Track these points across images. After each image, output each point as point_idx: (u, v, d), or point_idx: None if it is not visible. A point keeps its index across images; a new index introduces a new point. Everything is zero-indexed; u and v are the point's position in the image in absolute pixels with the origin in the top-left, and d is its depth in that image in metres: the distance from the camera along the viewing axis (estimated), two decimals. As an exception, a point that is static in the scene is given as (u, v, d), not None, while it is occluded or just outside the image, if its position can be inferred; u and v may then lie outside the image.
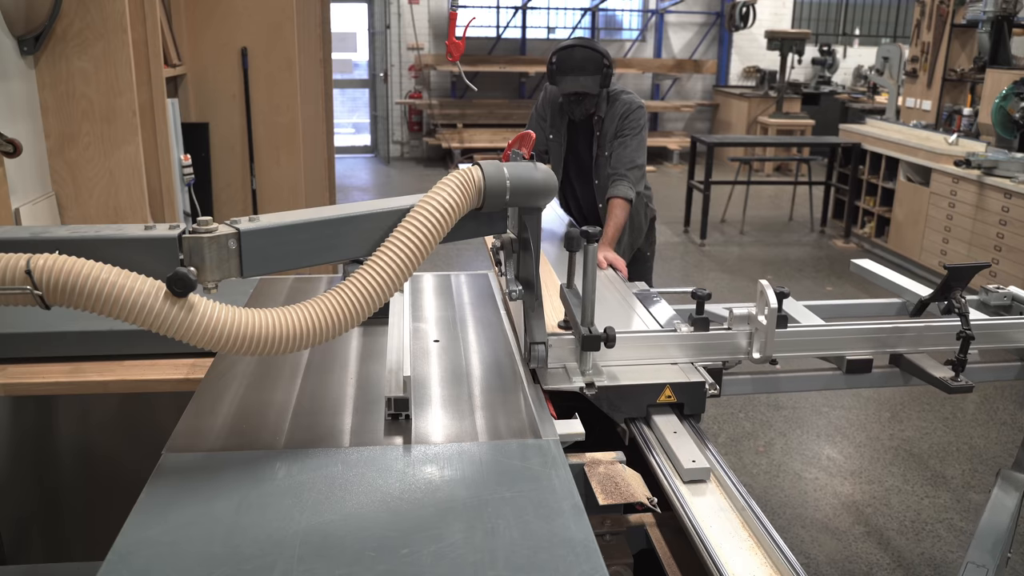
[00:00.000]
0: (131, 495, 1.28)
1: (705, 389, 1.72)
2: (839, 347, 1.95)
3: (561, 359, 1.76)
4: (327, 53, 4.85)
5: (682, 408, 1.70)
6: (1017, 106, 5.56)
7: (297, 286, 2.33)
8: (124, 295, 1.19)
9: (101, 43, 2.81)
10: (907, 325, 1.99)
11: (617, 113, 3.02)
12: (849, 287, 6.11)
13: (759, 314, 1.80)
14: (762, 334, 1.79)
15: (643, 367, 1.78)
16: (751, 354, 1.83)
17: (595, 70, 2.91)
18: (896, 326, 1.97)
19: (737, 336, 1.85)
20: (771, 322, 1.76)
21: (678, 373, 1.76)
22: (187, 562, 1.13)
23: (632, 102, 3.05)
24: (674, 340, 1.83)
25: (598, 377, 1.71)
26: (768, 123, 10.46)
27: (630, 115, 3.01)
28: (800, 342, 1.91)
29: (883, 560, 2.95)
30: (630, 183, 2.96)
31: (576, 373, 1.72)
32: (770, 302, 1.76)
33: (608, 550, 1.29)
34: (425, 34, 11.02)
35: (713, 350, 1.85)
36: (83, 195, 2.93)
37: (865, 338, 1.94)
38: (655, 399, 1.70)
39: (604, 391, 1.68)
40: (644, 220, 3.28)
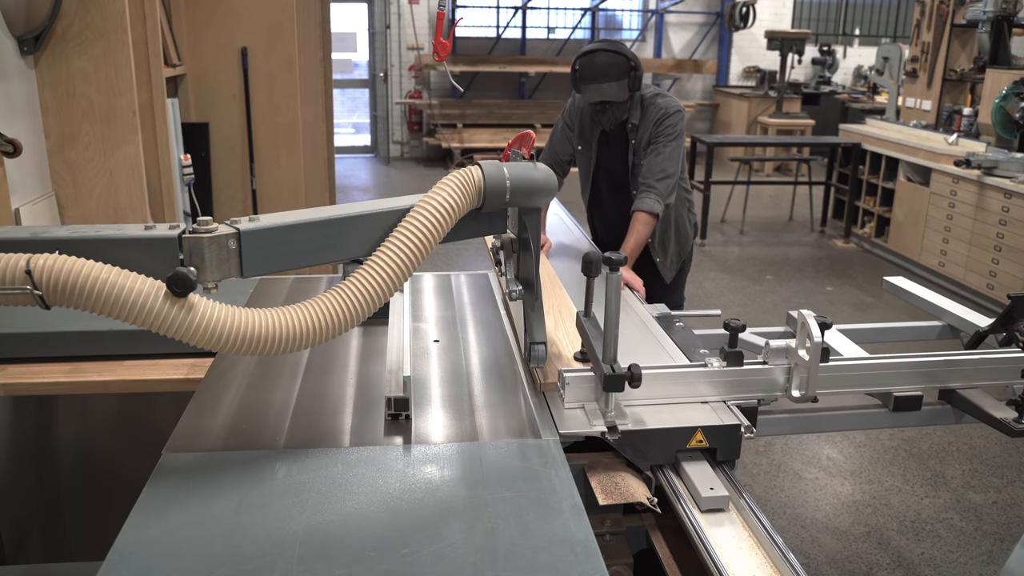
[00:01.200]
0: (131, 495, 1.28)
1: (740, 432, 1.55)
2: (886, 382, 1.77)
3: (579, 398, 1.60)
4: (327, 53, 4.85)
5: (714, 453, 1.55)
6: (1017, 106, 5.56)
7: (297, 286, 2.33)
8: (124, 295, 1.19)
9: (101, 43, 2.81)
10: (962, 358, 1.81)
11: (652, 119, 2.79)
12: (849, 287, 6.11)
13: (799, 348, 1.63)
14: (803, 370, 1.62)
15: (670, 407, 1.62)
16: (790, 392, 1.67)
17: (620, 75, 2.67)
18: (949, 359, 1.79)
19: (774, 372, 1.68)
20: (814, 358, 1.59)
21: (710, 414, 1.59)
22: (187, 562, 1.13)
23: (668, 106, 2.80)
24: (705, 377, 1.65)
25: (621, 420, 1.53)
26: (768, 123, 10.46)
27: (665, 120, 2.77)
28: (844, 377, 1.73)
29: (883, 560, 2.95)
30: (658, 195, 2.72)
31: (596, 415, 1.56)
32: (813, 335, 1.57)
33: (608, 550, 1.29)
34: (425, 34, 11.02)
35: (748, 387, 1.67)
36: (83, 195, 2.93)
37: (914, 372, 1.77)
38: (685, 444, 1.54)
39: (628, 436, 1.51)
40: (690, 227, 3.10)
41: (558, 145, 3.05)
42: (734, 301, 5.72)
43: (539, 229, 1.66)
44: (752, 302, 5.73)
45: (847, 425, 1.96)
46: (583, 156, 3.01)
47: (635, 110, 2.80)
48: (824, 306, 5.63)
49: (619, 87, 2.67)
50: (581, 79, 2.71)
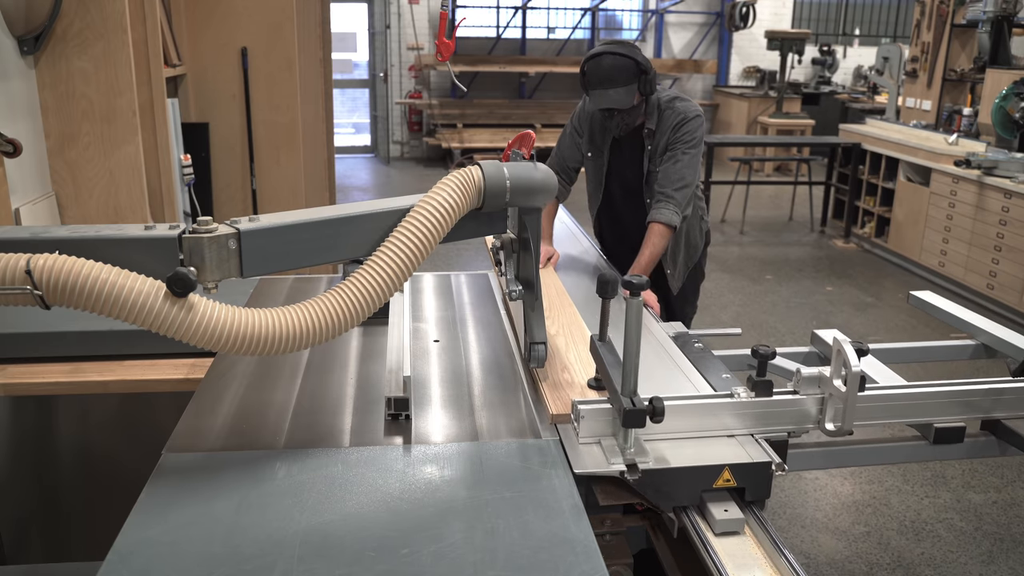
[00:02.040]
0: (131, 495, 1.28)
1: (771, 471, 1.43)
2: (927, 413, 1.65)
3: (595, 432, 1.47)
4: (327, 53, 4.84)
5: (743, 493, 1.43)
6: (1017, 106, 5.56)
7: (297, 286, 2.33)
8: (124, 295, 1.19)
9: (101, 43, 2.81)
10: (1009, 386, 1.69)
11: (669, 124, 2.63)
12: (849, 287, 6.11)
13: (834, 377, 1.50)
14: (838, 401, 1.50)
15: (694, 441, 1.49)
16: (823, 424, 1.54)
17: (628, 80, 2.49)
18: (995, 387, 1.67)
19: (806, 403, 1.55)
20: (852, 389, 1.47)
21: (737, 450, 1.47)
22: (187, 562, 1.13)
23: (688, 111, 2.64)
24: (732, 408, 1.52)
25: (642, 457, 1.41)
26: (768, 123, 10.46)
27: (684, 126, 2.62)
28: (881, 408, 1.61)
29: (883, 560, 2.95)
30: (676, 206, 2.58)
31: (614, 451, 1.43)
32: (850, 364, 1.45)
33: (608, 550, 1.29)
34: (425, 34, 11.02)
35: (777, 419, 1.54)
36: (83, 195, 2.93)
37: (957, 402, 1.66)
38: (711, 484, 1.41)
39: (650, 476, 1.39)
40: (700, 237, 2.98)
41: (566, 151, 2.90)
42: (734, 301, 5.72)
43: (539, 229, 1.66)
44: (752, 302, 5.72)
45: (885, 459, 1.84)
46: (594, 163, 2.86)
47: (652, 114, 2.65)
48: (824, 306, 5.63)
49: (627, 93, 2.51)
50: (588, 84, 2.56)
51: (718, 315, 5.43)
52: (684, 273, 2.99)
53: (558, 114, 11.14)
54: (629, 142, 2.74)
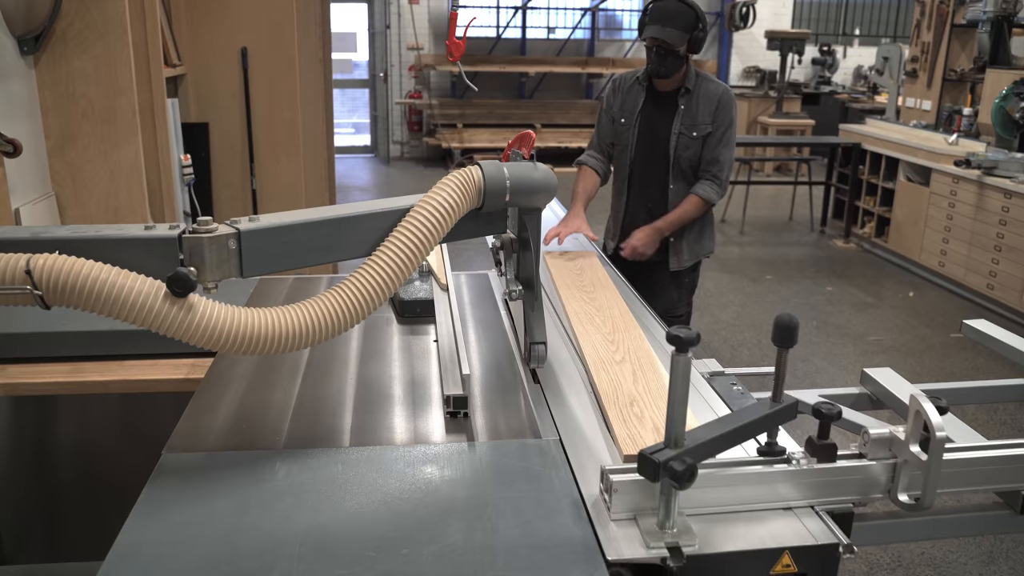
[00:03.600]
0: (131, 495, 1.28)
1: (839, 553, 1.22)
2: (1014, 479, 1.42)
3: (630, 507, 1.25)
4: (327, 53, 4.84)
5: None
6: (1017, 106, 5.56)
7: (297, 286, 2.33)
8: (124, 295, 1.19)
9: (101, 43, 2.80)
10: None
11: (711, 94, 2.83)
12: (849, 287, 6.11)
13: (911, 442, 1.29)
14: (914, 468, 1.28)
15: (745, 515, 1.27)
16: (895, 494, 1.32)
17: (684, 27, 2.73)
18: None
19: (874, 469, 1.32)
20: (936, 457, 1.25)
21: (797, 527, 1.25)
22: (187, 562, 1.13)
23: (728, 90, 2.87)
24: (788, 477, 1.30)
25: (687, 540, 1.19)
26: (768, 123, 10.46)
27: (729, 104, 2.84)
28: (962, 474, 1.38)
29: (883, 560, 2.95)
30: (719, 188, 2.80)
31: (654, 533, 1.21)
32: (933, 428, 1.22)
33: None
34: (425, 34, 11.02)
35: (841, 488, 1.32)
36: (83, 195, 2.93)
37: None
38: (769, 571, 1.21)
39: (695, 562, 1.17)
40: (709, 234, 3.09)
41: (603, 128, 3.10)
42: (734, 301, 5.72)
43: (539, 229, 1.66)
44: (752, 302, 5.73)
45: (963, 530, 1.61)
46: (624, 128, 3.00)
47: (690, 77, 2.85)
48: (824, 306, 5.63)
49: (680, 36, 2.73)
50: (649, 20, 2.77)
51: (718, 315, 5.43)
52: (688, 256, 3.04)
53: (558, 114, 11.14)
54: (663, 103, 2.90)
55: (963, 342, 4.82)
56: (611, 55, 11.99)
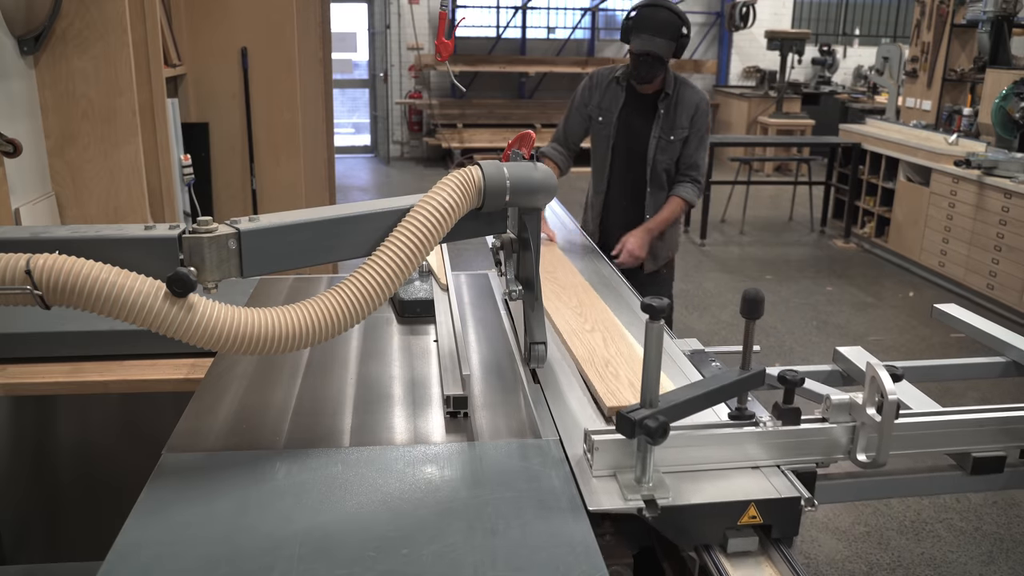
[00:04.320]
0: (131, 495, 1.28)
1: (800, 506, 1.33)
2: (965, 441, 1.56)
3: (610, 465, 1.37)
4: (327, 53, 4.84)
5: (769, 530, 1.33)
6: (1017, 106, 5.56)
7: (297, 286, 2.33)
8: (124, 295, 1.19)
9: (101, 43, 2.81)
10: None
11: (690, 101, 2.92)
12: (849, 287, 6.11)
13: (868, 405, 1.40)
14: (871, 430, 1.40)
15: (716, 474, 1.39)
16: (854, 455, 1.44)
17: (673, 36, 2.79)
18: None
19: (836, 432, 1.45)
20: (888, 419, 1.37)
21: (763, 483, 1.37)
22: (187, 562, 1.13)
23: (704, 97, 2.98)
24: (756, 438, 1.42)
25: (661, 493, 1.31)
26: (768, 123, 10.46)
27: (707, 111, 2.94)
28: (916, 437, 1.51)
29: (883, 560, 2.95)
30: (697, 190, 2.91)
31: (632, 487, 1.33)
32: (886, 391, 1.35)
33: (608, 550, 1.29)
34: (425, 34, 11.02)
35: (805, 449, 1.44)
36: (83, 195, 2.93)
37: (997, 429, 1.55)
38: (736, 521, 1.32)
39: (670, 513, 1.29)
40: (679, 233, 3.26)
41: (572, 124, 3.15)
42: (734, 301, 5.72)
43: (539, 229, 1.66)
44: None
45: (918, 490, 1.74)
46: (602, 128, 3.05)
47: (670, 81, 2.90)
48: (824, 306, 5.63)
49: (669, 46, 2.79)
50: (635, 27, 2.79)
51: (718, 315, 5.43)
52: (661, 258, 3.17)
53: (558, 114, 11.10)
54: (642, 105, 2.97)
55: (963, 342, 4.81)
56: (611, 55, 11.99)
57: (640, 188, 3.05)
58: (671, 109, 2.90)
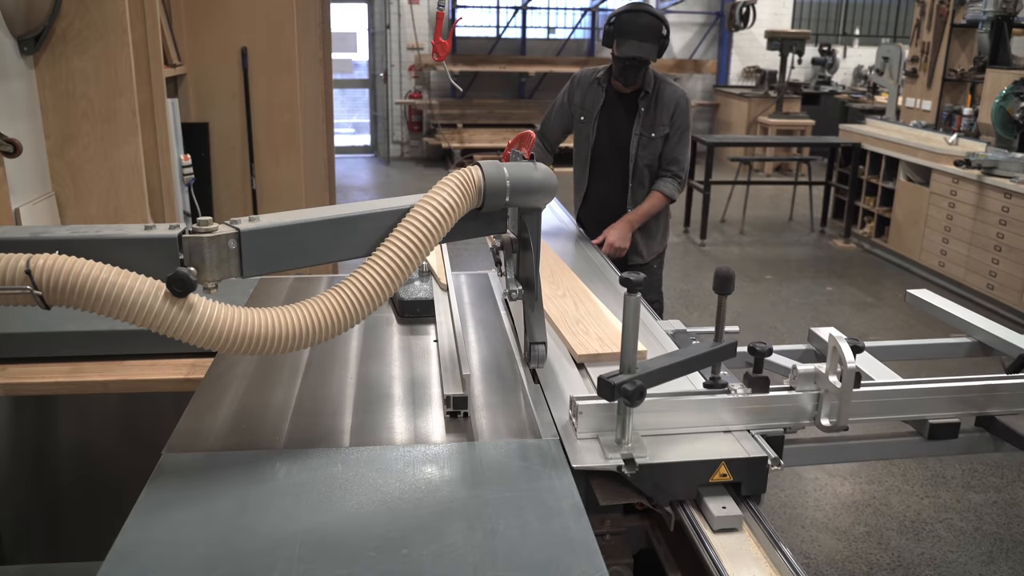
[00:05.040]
0: (131, 495, 1.28)
1: (767, 466, 1.45)
2: (921, 409, 1.68)
3: (593, 428, 1.49)
4: (327, 53, 4.84)
5: (739, 487, 1.44)
6: (1017, 106, 5.56)
7: (297, 286, 2.33)
8: (124, 295, 1.19)
9: (101, 43, 2.81)
10: (1004, 383, 1.71)
11: (670, 98, 2.99)
12: (849, 287, 6.11)
13: (830, 374, 1.52)
14: (834, 397, 1.52)
15: (691, 437, 1.50)
16: (819, 420, 1.56)
17: (656, 38, 2.87)
18: (989, 383, 1.70)
19: (802, 399, 1.57)
20: (847, 385, 1.49)
21: (733, 445, 1.48)
22: (187, 562, 1.13)
23: (684, 94, 3.04)
24: (727, 404, 1.53)
25: (639, 452, 1.42)
26: (768, 123, 10.46)
27: (687, 109, 3.00)
28: (877, 404, 1.64)
29: (883, 560, 2.95)
30: (679, 186, 2.97)
31: (612, 447, 1.44)
32: (845, 360, 1.48)
33: (608, 550, 1.29)
34: (425, 34, 11.02)
35: (773, 415, 1.56)
36: (83, 195, 2.93)
37: (952, 398, 1.68)
38: (708, 478, 1.43)
39: (647, 470, 1.41)
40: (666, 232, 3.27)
41: (554, 120, 3.23)
42: (734, 301, 5.72)
43: (539, 229, 1.66)
44: (752, 302, 5.73)
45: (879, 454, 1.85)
46: (583, 127, 3.12)
47: (650, 80, 2.97)
48: (824, 306, 5.63)
49: (652, 49, 2.87)
50: (619, 33, 2.86)
51: (718, 315, 5.43)
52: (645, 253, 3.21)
53: (558, 114, 11.13)
54: (623, 105, 3.03)
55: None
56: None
57: (623, 185, 3.12)
58: (651, 107, 2.98)
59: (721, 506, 1.38)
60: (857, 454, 1.86)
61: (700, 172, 7.57)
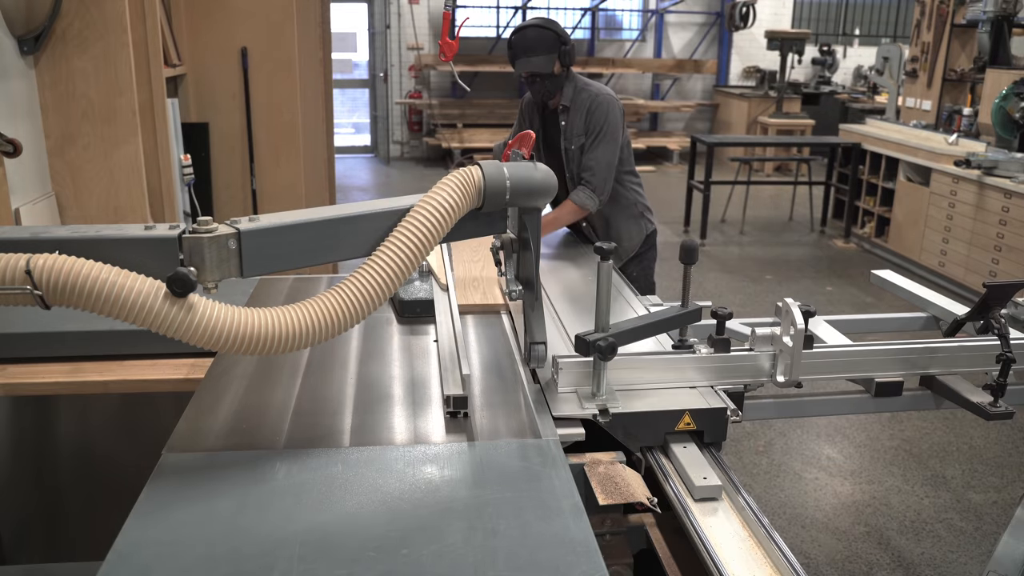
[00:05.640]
0: (131, 495, 1.28)
1: (727, 416, 1.61)
2: (868, 368, 1.82)
3: (572, 383, 1.65)
4: (327, 53, 4.84)
5: (702, 436, 1.60)
6: (1017, 106, 5.56)
7: (297, 286, 2.33)
8: (124, 295, 1.19)
9: (101, 43, 2.81)
10: (941, 345, 1.86)
11: (582, 105, 2.85)
12: (849, 287, 6.11)
13: (784, 335, 1.69)
14: (787, 356, 1.68)
15: (659, 391, 1.67)
16: (775, 377, 1.72)
17: (548, 49, 2.78)
18: (929, 346, 1.84)
19: (760, 358, 1.73)
20: (797, 344, 1.66)
21: (697, 398, 1.65)
22: (187, 562, 1.13)
23: (599, 94, 2.85)
24: (692, 362, 1.70)
25: (612, 403, 1.58)
26: (768, 123, 10.46)
27: (596, 111, 2.82)
28: (827, 364, 1.78)
29: (883, 560, 2.95)
30: (592, 191, 2.79)
31: (588, 398, 1.61)
32: (796, 322, 1.65)
33: (608, 550, 1.29)
34: (425, 34, 11.02)
35: (734, 373, 1.73)
36: (83, 195, 2.93)
37: (895, 359, 1.82)
38: (673, 427, 1.59)
39: (619, 418, 1.57)
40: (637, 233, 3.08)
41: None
42: (734, 301, 5.72)
43: (539, 229, 1.66)
44: (752, 302, 5.73)
45: (830, 410, 2.00)
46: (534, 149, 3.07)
47: (568, 91, 2.88)
48: (824, 306, 5.63)
49: (547, 60, 2.78)
50: (512, 53, 2.84)
51: (718, 315, 5.43)
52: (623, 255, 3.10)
53: (558, 114, 11.13)
54: (550, 124, 2.98)
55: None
56: (611, 55, 11.99)
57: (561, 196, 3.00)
58: (570, 119, 2.89)
59: (702, 476, 1.47)
60: (810, 409, 2.01)
61: (700, 172, 7.57)
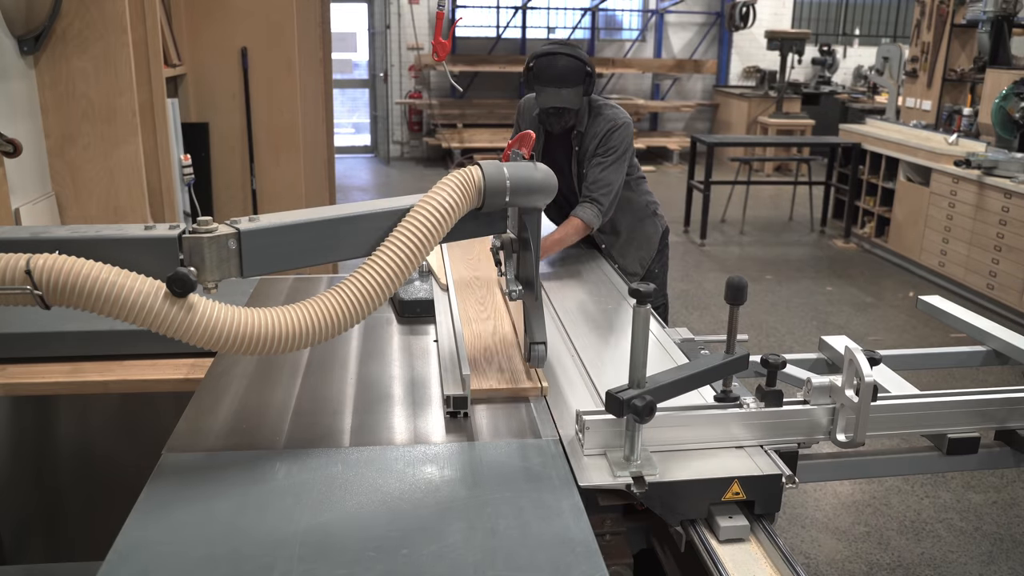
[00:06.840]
0: (131, 495, 1.28)
1: (782, 483, 1.39)
2: (940, 423, 1.62)
3: (600, 444, 1.44)
4: (327, 53, 4.84)
5: (752, 506, 1.39)
6: (1017, 106, 5.56)
7: (297, 286, 2.33)
8: (124, 295, 1.19)
9: (101, 43, 2.81)
10: None
11: (596, 132, 2.69)
12: (849, 287, 6.11)
13: (846, 387, 1.47)
14: (850, 411, 1.47)
15: (701, 452, 1.45)
16: (834, 435, 1.51)
17: (578, 81, 2.55)
18: (1010, 397, 1.64)
19: (816, 412, 1.51)
20: (864, 400, 1.44)
21: (746, 462, 1.43)
22: (187, 562, 1.13)
23: (616, 119, 2.69)
24: (740, 418, 1.48)
25: (648, 470, 1.37)
26: (768, 123, 10.46)
27: (614, 134, 2.68)
28: (894, 418, 1.58)
29: (883, 560, 2.95)
30: (600, 209, 2.67)
31: (621, 464, 1.39)
32: (863, 373, 1.42)
33: (608, 550, 1.29)
34: (425, 34, 11.02)
35: (787, 430, 1.51)
36: (83, 195, 2.93)
37: (971, 412, 1.63)
38: (720, 497, 1.38)
39: (656, 488, 1.35)
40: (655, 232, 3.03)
41: None
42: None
43: (539, 229, 1.66)
44: (752, 302, 5.73)
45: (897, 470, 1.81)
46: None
47: (583, 116, 2.69)
48: (824, 306, 5.63)
49: (576, 93, 2.56)
50: (537, 80, 2.57)
51: (717, 315, 5.43)
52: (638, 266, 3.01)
53: (558, 114, 11.12)
54: (561, 142, 2.77)
55: (964, 341, 4.81)
56: (611, 55, 11.99)
57: None
58: (584, 144, 2.74)
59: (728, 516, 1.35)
60: (873, 470, 1.80)
61: (700, 172, 7.56)
